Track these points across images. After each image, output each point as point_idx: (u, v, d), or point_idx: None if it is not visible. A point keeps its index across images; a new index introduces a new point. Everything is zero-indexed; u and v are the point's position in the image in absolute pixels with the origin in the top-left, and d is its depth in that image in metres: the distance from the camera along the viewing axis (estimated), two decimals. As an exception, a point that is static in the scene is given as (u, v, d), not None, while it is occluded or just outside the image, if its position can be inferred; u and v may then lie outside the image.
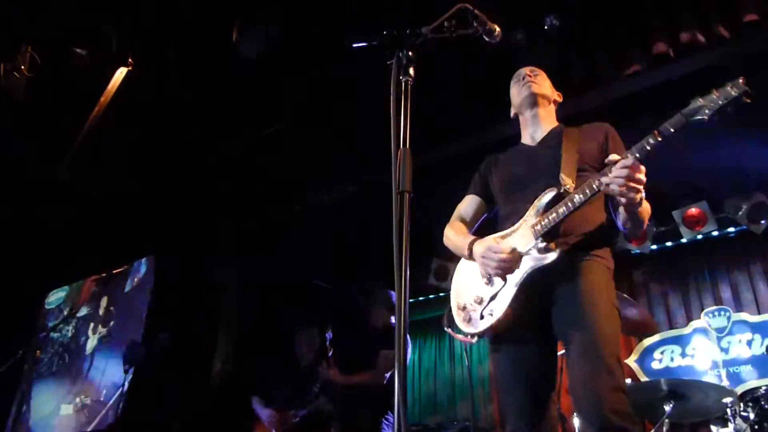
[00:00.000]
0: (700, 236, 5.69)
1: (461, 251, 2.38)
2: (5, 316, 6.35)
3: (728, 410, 3.44)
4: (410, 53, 1.71)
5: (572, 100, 3.08)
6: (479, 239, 2.32)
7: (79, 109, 5.03)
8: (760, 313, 5.50)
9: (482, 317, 2.22)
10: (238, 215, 6.17)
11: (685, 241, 5.79)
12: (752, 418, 3.42)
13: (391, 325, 4.34)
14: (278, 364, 4.93)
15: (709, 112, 1.89)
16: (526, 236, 2.20)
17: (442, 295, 7.19)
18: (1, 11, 4.35)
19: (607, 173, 2.00)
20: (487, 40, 1.92)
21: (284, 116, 5.13)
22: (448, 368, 7.19)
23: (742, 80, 1.88)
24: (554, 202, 2.17)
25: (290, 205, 5.90)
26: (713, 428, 3.79)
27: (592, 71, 4.26)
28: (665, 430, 3.51)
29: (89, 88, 4.87)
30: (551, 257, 2.11)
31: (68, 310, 6.85)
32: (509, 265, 2.16)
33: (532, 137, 2.54)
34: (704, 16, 3.88)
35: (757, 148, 4.83)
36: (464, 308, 2.31)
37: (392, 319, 4.42)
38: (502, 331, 2.20)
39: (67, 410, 6.28)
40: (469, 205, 2.60)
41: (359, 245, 6.05)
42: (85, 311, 6.79)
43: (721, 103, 1.88)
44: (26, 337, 6.68)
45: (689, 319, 5.79)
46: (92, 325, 6.68)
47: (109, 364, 6.20)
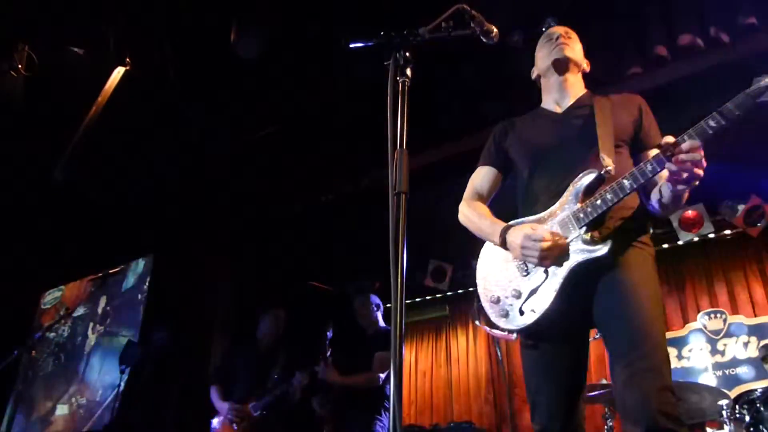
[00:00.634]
0: (696, 238, 5.69)
1: (488, 237, 2.18)
2: (1, 316, 6.34)
3: (724, 412, 3.44)
4: (407, 54, 1.71)
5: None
6: (513, 226, 2.10)
7: (76, 108, 5.02)
8: (756, 315, 5.51)
9: (522, 313, 2.03)
10: (234, 215, 6.16)
11: (681, 243, 5.79)
12: (748, 420, 3.42)
13: (380, 327, 4.35)
14: (240, 350, 4.71)
15: None
16: (567, 224, 2.01)
17: (438, 296, 7.20)
18: (-2, 10, 4.34)
19: (661, 156, 1.84)
20: (484, 40, 1.91)
21: (280, 117, 5.13)
22: (444, 369, 7.18)
23: None
24: (595, 184, 2.00)
25: (287, 205, 5.89)
26: (709, 430, 3.79)
27: (590, 73, 4.26)
28: None
29: (86, 87, 4.86)
30: (602, 250, 1.92)
31: (64, 309, 6.84)
32: (555, 254, 1.97)
33: (557, 103, 2.31)
34: (702, 19, 3.89)
35: (753, 150, 4.84)
36: (498, 301, 2.11)
37: (380, 320, 4.42)
38: (543, 328, 2.02)
39: (62, 410, 6.27)
40: (484, 177, 2.36)
41: (355, 246, 6.04)
42: (81, 311, 6.78)
43: None
44: (22, 337, 6.66)
45: (685, 320, 5.80)
46: (91, 324, 6.67)
47: (105, 364, 6.19)
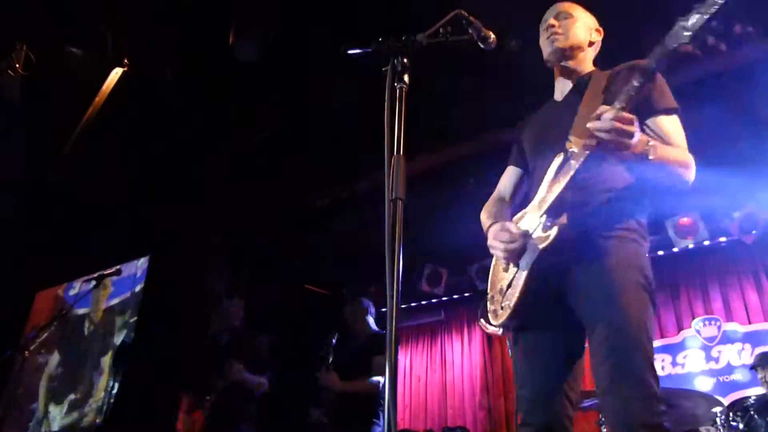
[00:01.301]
0: (691, 245, 5.71)
1: None
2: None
3: (717, 419, 3.45)
4: (405, 60, 1.71)
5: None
6: (496, 223, 2.08)
7: (73, 108, 5.02)
8: (750, 322, 5.53)
9: (503, 308, 2.02)
10: (231, 218, 6.16)
11: (676, 250, 5.82)
12: (741, 427, 3.43)
13: (373, 332, 4.34)
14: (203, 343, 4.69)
15: (689, 32, 1.64)
16: (534, 212, 1.98)
17: (434, 301, 7.20)
18: (-4, 9, 4.34)
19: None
20: (482, 46, 1.92)
21: (278, 120, 5.13)
22: (439, 374, 7.18)
23: None
24: (560, 170, 1.93)
25: (283, 209, 5.90)
26: (703, 437, 3.80)
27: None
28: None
29: (84, 87, 4.86)
30: (552, 235, 1.84)
31: (58, 310, 6.82)
32: (514, 249, 1.93)
33: (561, 91, 2.25)
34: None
35: (748, 157, 4.86)
36: (492, 299, 2.11)
37: (372, 324, 4.41)
38: (519, 322, 1.99)
39: (56, 411, 6.25)
40: (507, 178, 2.34)
41: (352, 250, 6.05)
42: (75, 311, 6.76)
43: (706, 17, 1.63)
44: (15, 337, 6.64)
45: (680, 327, 5.82)
46: (87, 325, 6.66)
47: (99, 364, 6.18)
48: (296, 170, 5.48)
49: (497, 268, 2.14)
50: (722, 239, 5.79)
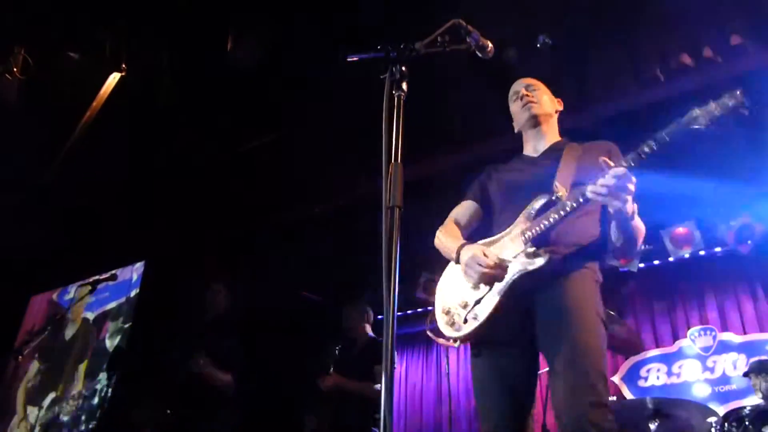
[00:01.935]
0: (687, 255, 5.71)
1: (450, 255, 2.34)
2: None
3: (713, 430, 3.45)
4: (403, 68, 1.72)
5: (561, 116, 3.11)
6: (468, 245, 2.28)
7: (70, 112, 5.01)
8: (745, 333, 5.53)
9: (466, 321, 2.19)
10: (228, 223, 6.15)
11: (672, 260, 5.82)
12: (736, 438, 3.43)
13: (370, 338, 4.33)
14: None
15: (705, 121, 1.91)
16: (515, 241, 2.19)
17: (430, 309, 7.18)
18: (-5, 13, 4.34)
19: (597, 181, 1.98)
20: (479, 55, 1.94)
21: (275, 127, 5.14)
22: (434, 383, 7.16)
23: (739, 92, 1.90)
24: (546, 208, 2.16)
25: (280, 216, 5.89)
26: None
27: (583, 90, 4.31)
28: (650, 448, 3.51)
29: (82, 92, 4.86)
30: (539, 262, 2.09)
31: (52, 315, 6.79)
32: (492, 275, 2.12)
33: (534, 149, 2.54)
34: (693, 39, 3.94)
35: (743, 168, 4.88)
36: (448, 312, 2.27)
37: (369, 330, 4.40)
38: (484, 336, 2.17)
39: (49, 416, 6.21)
40: (465, 209, 2.56)
41: (348, 258, 6.04)
42: (71, 316, 6.74)
43: (717, 113, 1.90)
44: (9, 342, 6.61)
45: (675, 337, 5.81)
46: (81, 330, 6.63)
47: (93, 369, 6.15)
48: (293, 176, 5.48)
49: (458, 282, 2.29)
50: (718, 249, 5.79)
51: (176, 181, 5.83)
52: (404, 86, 1.71)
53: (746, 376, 3.92)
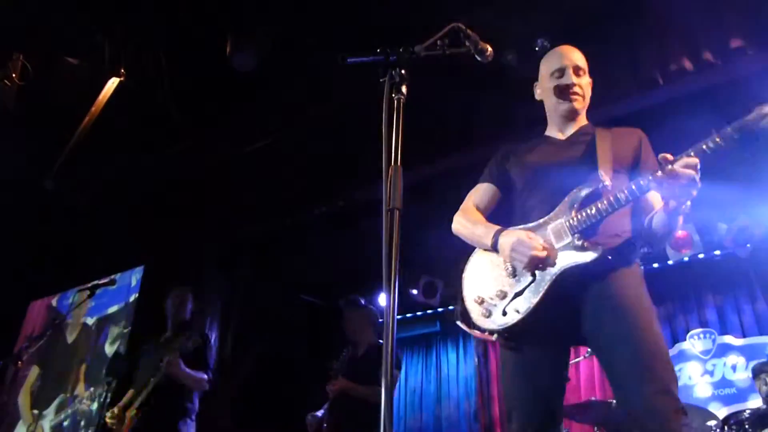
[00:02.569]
0: (686, 258, 5.72)
1: (480, 240, 2.21)
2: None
3: (713, 433, 3.45)
4: (403, 71, 1.72)
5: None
6: (508, 230, 2.14)
7: (69, 117, 5.02)
8: (744, 336, 5.53)
9: (505, 313, 2.06)
10: (226, 228, 6.15)
11: (671, 263, 5.82)
12: (736, 441, 3.43)
13: (375, 341, 4.31)
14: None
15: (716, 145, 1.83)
16: (558, 231, 2.07)
17: (429, 312, 7.18)
18: (-6, 19, 4.35)
19: (656, 173, 1.89)
20: (478, 59, 1.94)
21: (275, 130, 5.14)
22: (434, 386, 7.15)
23: None
24: (592, 198, 2.05)
25: (279, 219, 5.89)
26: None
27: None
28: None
29: (80, 97, 4.86)
30: (590, 256, 1.97)
31: (52, 320, 6.78)
32: (544, 258, 2.01)
33: (561, 131, 2.40)
34: (692, 42, 3.94)
35: (743, 171, 4.88)
36: (482, 302, 2.13)
37: (372, 334, 4.37)
38: (524, 330, 2.03)
39: (48, 421, 6.20)
40: (483, 193, 2.43)
41: (349, 260, 6.04)
42: (70, 321, 6.73)
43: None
44: (9, 347, 6.60)
45: (675, 341, 5.81)
46: (80, 335, 6.62)
47: (92, 375, 6.14)
48: (292, 180, 5.48)
49: (492, 270, 2.17)
50: (717, 252, 5.80)
51: (174, 185, 5.83)
52: (404, 89, 1.71)
53: (753, 378, 3.91)
